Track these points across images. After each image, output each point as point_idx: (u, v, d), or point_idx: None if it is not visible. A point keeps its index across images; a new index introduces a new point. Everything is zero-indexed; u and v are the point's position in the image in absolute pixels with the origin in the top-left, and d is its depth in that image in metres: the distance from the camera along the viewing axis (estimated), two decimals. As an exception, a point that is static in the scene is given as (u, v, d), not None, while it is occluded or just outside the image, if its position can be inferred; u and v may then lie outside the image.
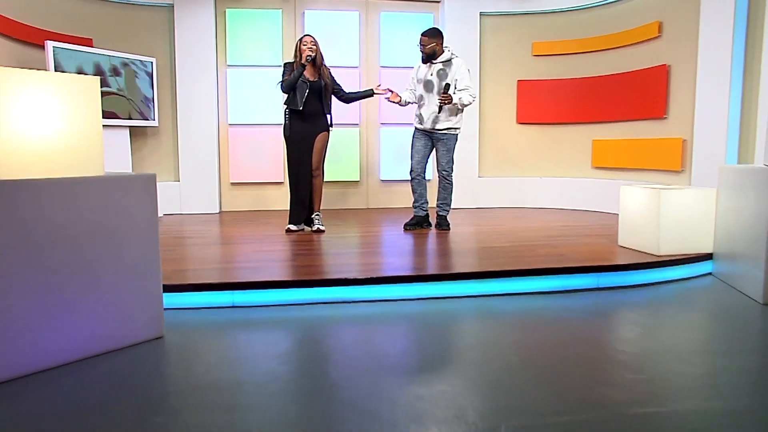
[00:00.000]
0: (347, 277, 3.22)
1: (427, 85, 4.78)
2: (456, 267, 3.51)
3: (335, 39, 6.44)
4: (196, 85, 6.18)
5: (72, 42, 5.39)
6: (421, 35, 4.73)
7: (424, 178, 4.96)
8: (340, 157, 6.55)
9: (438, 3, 6.63)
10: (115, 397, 2.04)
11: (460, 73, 4.70)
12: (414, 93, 4.91)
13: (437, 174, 4.93)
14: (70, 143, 2.42)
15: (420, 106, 4.85)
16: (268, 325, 2.86)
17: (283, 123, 4.76)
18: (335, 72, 6.25)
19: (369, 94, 5.00)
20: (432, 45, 4.70)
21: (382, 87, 4.99)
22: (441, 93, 4.61)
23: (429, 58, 4.74)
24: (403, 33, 6.48)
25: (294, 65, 4.65)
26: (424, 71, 4.81)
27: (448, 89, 4.58)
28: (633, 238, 3.97)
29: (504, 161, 6.78)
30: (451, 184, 4.92)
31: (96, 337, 2.42)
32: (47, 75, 2.35)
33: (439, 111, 4.65)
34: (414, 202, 5.01)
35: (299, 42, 4.68)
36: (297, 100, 4.64)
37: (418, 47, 4.76)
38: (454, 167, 4.92)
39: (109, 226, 2.43)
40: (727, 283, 3.59)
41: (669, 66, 5.45)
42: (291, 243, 4.44)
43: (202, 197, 6.33)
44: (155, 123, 5.95)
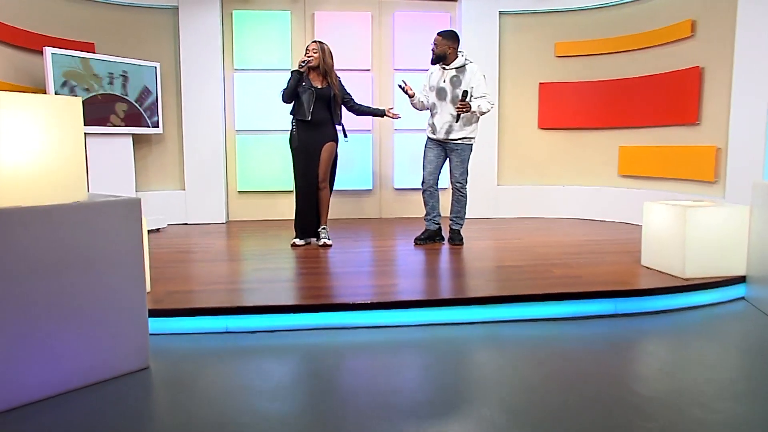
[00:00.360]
0: (347, 302, 3.17)
1: (440, 93, 4.71)
2: (464, 290, 3.43)
3: (347, 41, 6.40)
4: (201, 91, 6.20)
5: (73, 47, 5.44)
6: (437, 34, 4.67)
7: (436, 190, 4.89)
8: (352, 165, 6.51)
9: (455, 2, 6.55)
10: (89, 440, 2.02)
11: (475, 80, 4.62)
12: (426, 99, 4.84)
13: (450, 186, 4.85)
14: (50, 167, 2.41)
15: (432, 114, 4.77)
16: (263, 354, 2.82)
17: (290, 133, 4.75)
18: (346, 76, 6.27)
19: (380, 113, 4.96)
20: (444, 47, 4.62)
21: (394, 110, 4.98)
22: (459, 101, 4.53)
23: (438, 59, 4.66)
24: (419, 34, 6.41)
25: (305, 67, 4.62)
26: (436, 78, 4.74)
27: (466, 96, 4.51)
28: (657, 258, 3.85)
29: (524, 169, 6.67)
30: (465, 196, 4.84)
31: (77, 370, 2.41)
32: (24, 96, 2.34)
33: (457, 120, 4.57)
34: (426, 215, 4.95)
35: (305, 49, 4.66)
36: (304, 109, 4.61)
37: (430, 46, 4.69)
38: (468, 179, 4.84)
39: (91, 253, 2.42)
40: (762, 310, 3.45)
41: (702, 68, 5.29)
42: (295, 259, 4.41)
43: (208, 206, 6.34)
44: (159, 130, 5.98)
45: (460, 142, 4.71)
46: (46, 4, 5.37)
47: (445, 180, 5.34)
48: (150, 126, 5.80)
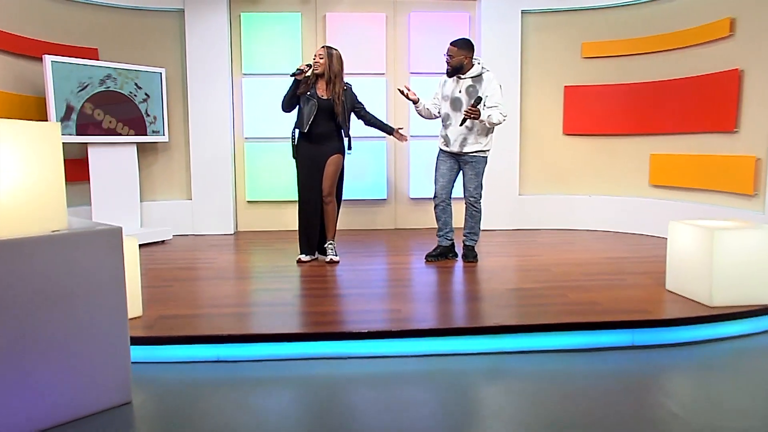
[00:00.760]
0: (344, 331, 3.15)
1: (455, 103, 4.65)
2: (470, 317, 3.39)
3: (360, 44, 6.38)
4: (208, 97, 6.24)
5: (76, 53, 5.52)
6: (450, 44, 4.61)
7: (449, 204, 4.83)
8: (365, 174, 6.49)
9: (474, 1, 6.47)
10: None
11: (490, 89, 4.55)
12: (436, 107, 4.79)
13: (464, 200, 4.79)
14: (27, 196, 2.42)
15: (446, 126, 4.72)
16: (256, 386, 2.80)
17: (291, 143, 4.75)
18: (360, 80, 6.25)
19: (388, 130, 4.93)
20: (460, 57, 4.56)
21: (403, 131, 4.95)
22: (470, 106, 4.47)
23: (455, 71, 4.60)
24: (435, 36, 6.35)
25: (308, 80, 4.60)
26: (451, 87, 4.68)
27: (478, 103, 4.44)
28: (682, 283, 3.73)
29: (548, 177, 6.57)
30: (480, 211, 4.78)
31: (54, 407, 2.42)
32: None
33: (462, 123, 4.51)
34: (438, 230, 4.90)
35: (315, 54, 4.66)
36: (303, 120, 4.59)
37: (444, 57, 4.63)
38: (483, 193, 4.77)
39: (68, 286, 2.43)
40: (795, 342, 3.32)
41: (741, 71, 5.14)
42: (298, 278, 4.40)
43: (215, 217, 6.38)
44: (165, 138, 6.04)
45: (474, 154, 4.65)
46: (46, 9, 5.45)
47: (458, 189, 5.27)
48: (148, 134, 5.80)
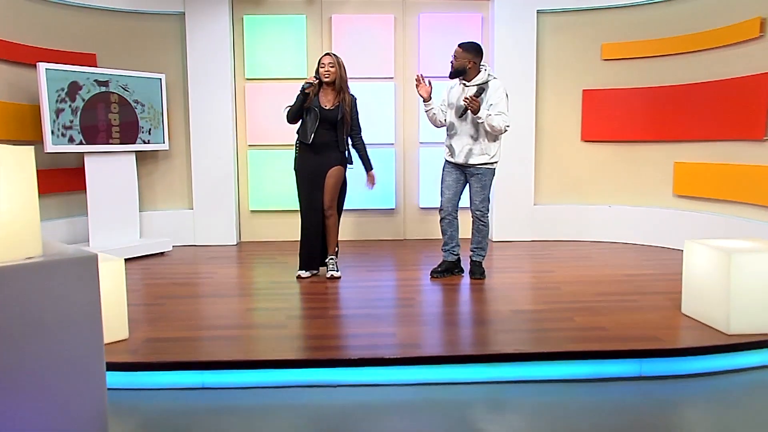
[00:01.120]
0: (333, 358, 3.14)
1: (460, 112, 4.60)
2: (469, 343, 3.36)
3: (367, 46, 6.37)
4: (210, 102, 6.27)
5: (73, 59, 5.57)
6: (457, 45, 4.58)
7: (455, 217, 4.79)
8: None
9: (487, 1, 6.42)
10: None
11: (495, 97, 4.50)
12: (443, 114, 4.75)
13: (471, 214, 4.74)
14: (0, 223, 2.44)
15: (450, 135, 4.68)
16: (241, 415, 2.79)
17: (294, 154, 4.75)
18: (367, 85, 6.23)
19: (368, 167, 4.86)
20: (463, 60, 4.52)
21: (375, 178, 4.91)
22: (472, 95, 4.41)
23: (457, 74, 4.56)
24: (447, 38, 6.25)
25: (313, 88, 4.60)
26: (456, 95, 4.64)
27: (480, 94, 4.42)
28: (698, 307, 3.64)
29: (565, 186, 6.49)
30: (487, 225, 4.73)
31: (25, 440, 2.43)
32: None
33: (461, 115, 4.50)
34: (443, 245, 4.86)
35: (318, 62, 4.66)
36: (306, 131, 4.59)
37: (450, 59, 4.60)
38: (490, 206, 4.73)
39: (41, 315, 2.44)
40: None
41: (772, 74, 5.03)
42: (296, 296, 4.41)
43: (217, 227, 6.41)
44: (165, 146, 6.08)
45: (481, 166, 4.60)
46: (41, 13, 5.50)
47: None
48: (137, 142, 5.82)
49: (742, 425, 2.70)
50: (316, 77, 4.59)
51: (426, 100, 4.66)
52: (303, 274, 4.81)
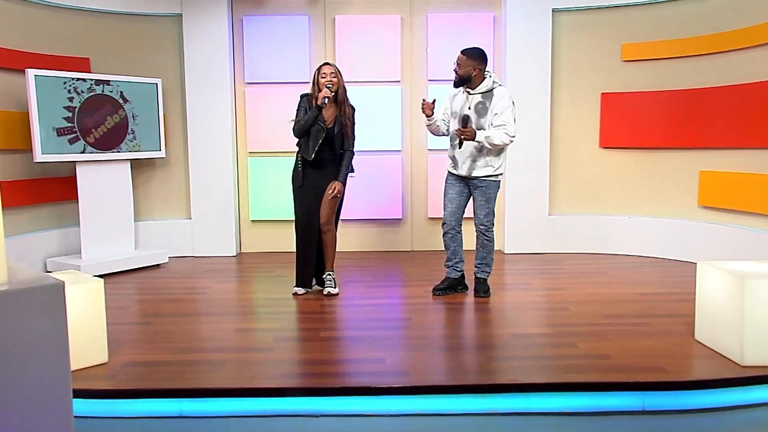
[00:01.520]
0: (315, 386, 3.13)
1: (463, 121, 4.57)
2: (460, 371, 3.33)
3: (372, 48, 6.36)
4: (209, 108, 6.30)
5: (65, 64, 5.65)
6: (460, 52, 4.54)
7: (459, 231, 4.76)
8: (379, 191, 6.46)
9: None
10: None
11: (500, 106, 4.46)
12: (446, 123, 4.72)
13: (474, 228, 4.71)
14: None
15: (453, 146, 4.65)
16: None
17: (294, 169, 4.76)
18: (372, 89, 6.25)
19: (341, 177, 4.73)
20: (468, 68, 4.48)
21: (335, 192, 4.71)
22: (459, 125, 4.40)
23: (462, 82, 4.53)
24: (456, 39, 6.16)
25: (312, 99, 4.59)
26: (460, 103, 4.61)
27: (467, 122, 4.37)
28: (712, 334, 3.56)
29: (582, 195, 6.43)
30: (492, 240, 4.69)
31: (-14, 475, 2.46)
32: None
33: (460, 145, 4.47)
34: (446, 260, 4.83)
35: (317, 73, 4.62)
36: (308, 148, 4.60)
37: (453, 66, 4.57)
38: (494, 220, 4.69)
39: (3, 346, 2.47)
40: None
41: (804, 78, 4.93)
42: (289, 315, 4.44)
43: (216, 238, 6.45)
44: (161, 153, 6.13)
45: (485, 179, 4.57)
46: (32, 16, 5.55)
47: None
48: (123, 150, 5.83)
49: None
50: (329, 89, 4.55)
51: (429, 116, 4.65)
52: (300, 291, 4.81)
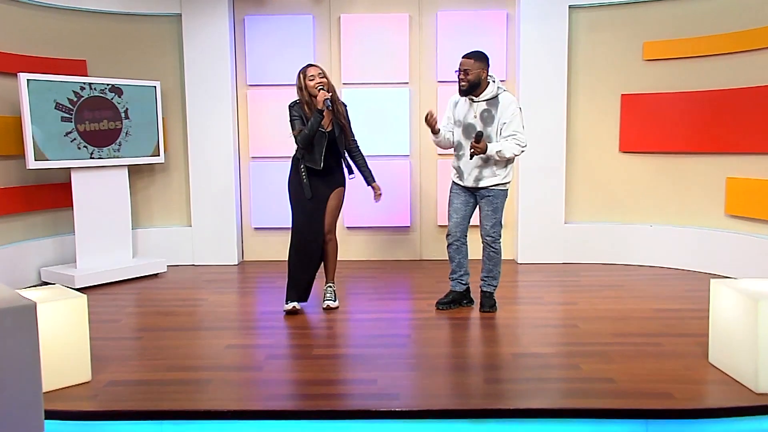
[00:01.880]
0: (296, 409, 3.14)
1: (468, 131, 4.55)
2: (452, 394, 3.29)
3: (379, 49, 6.37)
4: (209, 111, 6.35)
5: (61, 67, 5.72)
6: (463, 57, 4.51)
7: (464, 243, 4.74)
8: (386, 198, 6.40)
9: (513, -4, 6.36)
10: None
11: (507, 114, 4.42)
12: (451, 134, 4.70)
13: (480, 239, 4.69)
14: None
15: (458, 156, 4.63)
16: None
17: (295, 178, 4.70)
18: (380, 91, 6.26)
19: (369, 181, 4.87)
20: (478, 71, 4.43)
21: (381, 194, 4.91)
22: (472, 141, 4.37)
23: (472, 88, 4.48)
24: (467, 38, 6.25)
25: (302, 106, 4.59)
26: (463, 110, 4.58)
27: (480, 138, 4.33)
28: (725, 357, 3.48)
29: (601, 202, 6.39)
30: (499, 252, 4.67)
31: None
32: None
33: (471, 157, 4.44)
34: (451, 273, 4.81)
35: (302, 77, 4.61)
36: (315, 157, 4.58)
37: (456, 74, 4.53)
38: (502, 231, 4.66)
39: (-30, 368, 2.50)
40: None
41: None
42: (283, 331, 4.45)
43: (217, 246, 6.49)
44: (160, 159, 6.19)
45: (492, 188, 4.55)
46: (25, 18, 5.62)
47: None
48: (112, 153, 5.87)
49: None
50: (325, 90, 4.52)
51: (436, 133, 4.62)
52: (297, 306, 4.79)
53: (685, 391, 3.27)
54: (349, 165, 4.82)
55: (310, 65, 4.66)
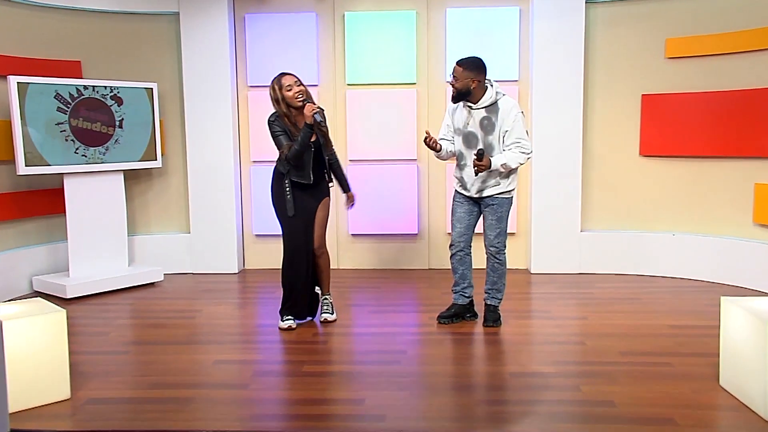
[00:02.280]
0: (277, 431, 3.17)
1: (468, 140, 4.56)
2: (441, 416, 3.29)
3: (385, 48, 6.39)
4: (209, 113, 6.42)
5: (54, 68, 5.81)
6: (456, 64, 4.52)
7: (468, 253, 4.75)
8: (393, 204, 6.50)
9: (526, -8, 6.34)
10: None
11: (509, 121, 4.42)
12: (452, 145, 4.70)
13: (485, 250, 4.68)
14: None
15: (460, 166, 4.64)
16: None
17: (280, 196, 4.71)
18: (385, 92, 6.28)
19: (346, 188, 4.91)
20: (466, 80, 4.44)
21: (353, 201, 4.95)
22: (474, 159, 4.37)
23: (461, 96, 4.49)
24: (479, 37, 6.28)
25: (283, 118, 4.57)
26: (462, 118, 4.59)
27: (482, 156, 4.33)
28: (736, 380, 3.44)
29: (619, 209, 6.37)
30: (503, 263, 4.66)
31: None
32: None
33: (476, 173, 4.43)
34: (454, 285, 4.82)
35: (278, 89, 4.55)
36: (305, 171, 4.59)
37: (449, 80, 4.55)
38: (507, 241, 4.65)
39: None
40: None
41: None
42: (276, 345, 4.50)
43: (217, 253, 6.56)
44: (158, 163, 6.27)
45: (496, 196, 4.55)
46: (17, 18, 5.71)
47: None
48: (99, 156, 5.92)
49: None
50: (310, 102, 4.52)
51: (438, 150, 4.63)
52: (293, 324, 4.79)
53: (690, 417, 3.24)
54: (329, 173, 4.82)
55: (283, 74, 4.60)
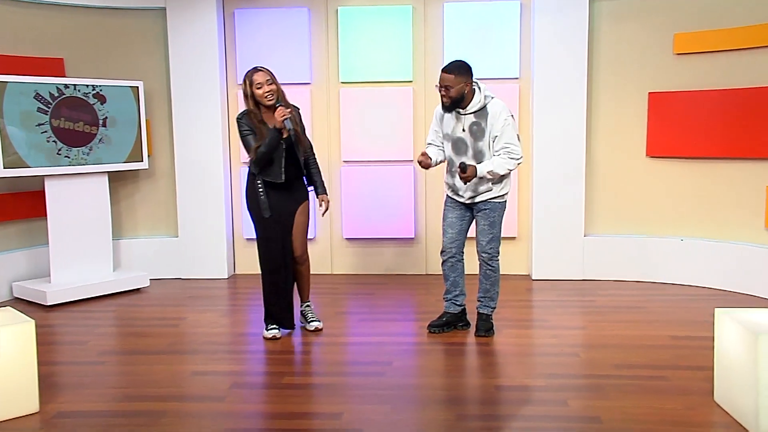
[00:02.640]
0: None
1: (457, 146, 4.59)
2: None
3: (380, 45, 6.42)
4: (198, 113, 6.47)
5: (35, 66, 5.88)
6: (442, 72, 4.51)
7: (460, 260, 4.77)
8: (389, 207, 6.53)
9: (528, -13, 6.35)
10: None
11: (498, 126, 4.44)
12: (442, 151, 4.72)
13: (477, 256, 4.70)
14: None
15: (452, 173, 4.67)
16: None
17: (253, 198, 4.69)
18: (379, 91, 6.32)
19: (321, 190, 4.89)
20: (460, 86, 4.44)
21: (325, 206, 4.91)
22: (458, 171, 4.41)
23: (455, 104, 4.50)
24: (477, 33, 6.31)
25: (251, 116, 4.58)
26: (451, 124, 4.61)
27: (465, 169, 4.36)
28: (729, 395, 3.44)
29: (624, 213, 6.37)
30: (496, 270, 4.69)
31: None
32: None
33: (465, 182, 4.47)
34: (445, 292, 4.85)
35: (248, 84, 4.54)
36: (275, 170, 4.60)
37: (437, 89, 4.55)
38: (500, 248, 4.67)
39: None
40: None
41: None
42: (258, 355, 4.54)
43: (206, 257, 6.61)
44: (144, 165, 6.33)
45: (489, 201, 4.57)
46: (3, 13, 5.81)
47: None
48: (83, 157, 5.96)
49: None
50: (281, 106, 4.50)
51: (428, 167, 4.68)
52: (277, 334, 4.81)
53: (679, 434, 3.25)
54: (306, 177, 4.85)
55: (256, 70, 4.58)
